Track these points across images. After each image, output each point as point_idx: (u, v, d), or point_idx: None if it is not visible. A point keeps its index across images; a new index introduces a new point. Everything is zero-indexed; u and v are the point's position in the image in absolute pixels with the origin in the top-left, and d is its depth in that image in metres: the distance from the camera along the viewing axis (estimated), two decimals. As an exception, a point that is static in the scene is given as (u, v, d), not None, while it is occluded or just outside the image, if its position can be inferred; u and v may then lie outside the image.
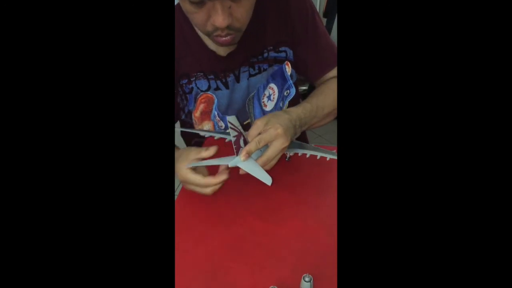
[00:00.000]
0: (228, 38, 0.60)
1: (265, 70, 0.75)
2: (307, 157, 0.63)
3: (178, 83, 0.74)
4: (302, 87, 1.98)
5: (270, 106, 0.79)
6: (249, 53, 0.73)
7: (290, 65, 0.76)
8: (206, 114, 0.78)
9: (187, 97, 0.76)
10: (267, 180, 0.52)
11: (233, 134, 0.59)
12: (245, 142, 0.57)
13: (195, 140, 0.92)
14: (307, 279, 0.44)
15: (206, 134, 0.73)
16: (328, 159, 0.61)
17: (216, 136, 0.70)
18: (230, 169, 0.56)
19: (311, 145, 0.65)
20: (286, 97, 0.77)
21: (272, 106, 0.79)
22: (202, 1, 0.53)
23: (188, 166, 0.58)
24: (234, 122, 0.62)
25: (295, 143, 0.65)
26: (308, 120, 0.64)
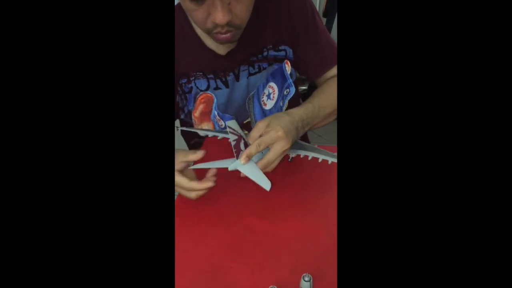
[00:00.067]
0: (228, 35, 0.60)
1: (264, 69, 0.75)
2: (309, 159, 0.62)
3: (177, 83, 0.74)
4: (302, 87, 1.98)
5: (270, 105, 0.79)
6: (248, 52, 0.73)
7: (289, 64, 0.76)
8: (206, 114, 0.77)
9: (187, 96, 0.76)
10: (266, 185, 0.52)
11: (233, 138, 0.59)
12: (245, 145, 0.57)
13: (195, 140, 0.92)
14: (307, 279, 0.44)
15: (209, 134, 0.72)
16: (330, 163, 0.60)
17: (219, 136, 0.69)
18: (228, 171, 0.56)
19: (314, 145, 0.64)
20: (286, 96, 0.77)
21: (272, 105, 0.79)
22: None
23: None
24: (234, 126, 0.62)
25: (298, 144, 0.64)
26: (310, 120, 0.64)
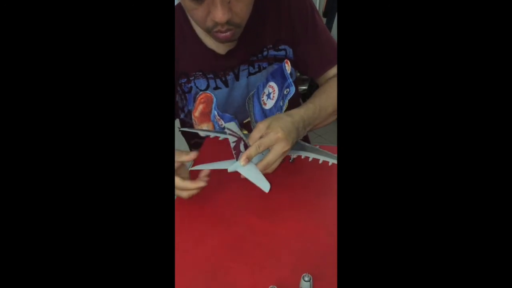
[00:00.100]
0: (228, 34, 0.60)
1: (264, 68, 0.75)
2: (310, 160, 0.62)
3: (177, 82, 0.74)
4: (302, 87, 1.98)
5: (270, 104, 0.79)
6: (248, 51, 0.73)
7: (289, 63, 0.76)
8: (206, 115, 0.77)
9: (186, 96, 0.76)
10: (265, 187, 0.51)
11: (232, 139, 0.59)
12: (245, 147, 0.57)
13: (195, 140, 0.92)
14: (307, 279, 0.44)
15: (211, 134, 0.71)
16: (330, 164, 0.60)
17: (221, 136, 0.69)
18: (228, 172, 0.56)
19: (316, 146, 0.64)
20: (286, 95, 0.77)
21: (272, 105, 0.79)
22: None
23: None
24: (232, 128, 0.62)
25: (299, 145, 0.64)
26: (311, 121, 0.63)
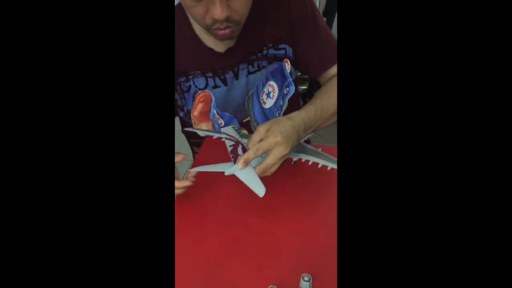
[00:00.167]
0: (227, 31, 0.61)
1: (264, 67, 0.75)
2: (309, 164, 0.61)
3: (176, 81, 0.74)
4: (302, 87, 1.98)
5: (269, 103, 0.79)
6: (248, 50, 0.72)
7: (289, 62, 0.76)
8: (205, 114, 0.77)
9: (185, 96, 0.76)
10: (260, 191, 0.51)
11: (229, 143, 0.59)
12: (243, 150, 0.56)
13: (194, 140, 0.92)
14: (306, 279, 0.44)
15: (214, 135, 0.71)
16: (329, 169, 0.59)
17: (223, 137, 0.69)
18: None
19: (319, 149, 0.63)
20: (285, 95, 0.77)
21: (271, 104, 0.79)
22: None
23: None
24: (229, 132, 0.62)
25: (301, 148, 0.63)
26: (313, 123, 0.63)
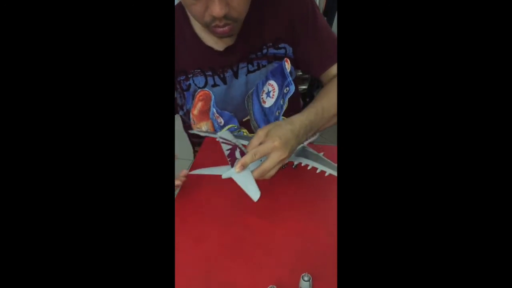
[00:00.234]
0: (226, 29, 0.61)
1: (264, 66, 0.75)
2: (308, 169, 0.61)
3: (176, 80, 0.74)
4: (302, 86, 1.98)
5: (269, 103, 0.79)
6: (247, 49, 0.72)
7: (289, 62, 0.75)
8: (205, 113, 0.77)
9: (185, 94, 0.76)
10: (255, 195, 0.52)
11: (226, 147, 0.59)
12: (241, 154, 0.57)
13: (195, 140, 0.92)
14: (306, 279, 0.44)
15: (220, 139, 0.71)
16: (326, 174, 0.58)
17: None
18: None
19: (320, 154, 0.62)
20: (285, 94, 0.77)
21: (271, 103, 0.79)
22: None
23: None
24: (226, 136, 0.62)
25: (302, 152, 0.63)
26: (314, 125, 0.63)
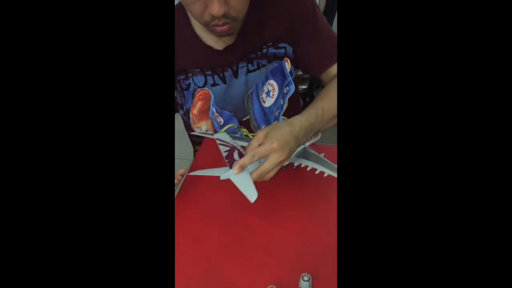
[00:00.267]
0: (225, 28, 0.61)
1: (264, 66, 0.75)
2: (308, 170, 0.61)
3: (176, 79, 0.74)
4: (302, 86, 1.98)
5: (269, 102, 0.79)
6: (247, 48, 0.72)
7: (289, 61, 0.75)
8: (204, 112, 0.77)
9: (185, 94, 0.76)
10: (252, 197, 0.52)
11: (224, 149, 0.59)
12: (239, 155, 0.57)
13: (195, 139, 0.92)
14: (306, 279, 0.44)
15: (224, 141, 0.71)
16: (325, 175, 0.58)
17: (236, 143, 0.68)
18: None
19: (321, 155, 0.62)
20: (285, 94, 0.77)
21: (271, 103, 0.79)
22: None
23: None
24: (223, 138, 0.62)
25: (303, 153, 0.63)
26: (314, 126, 0.63)
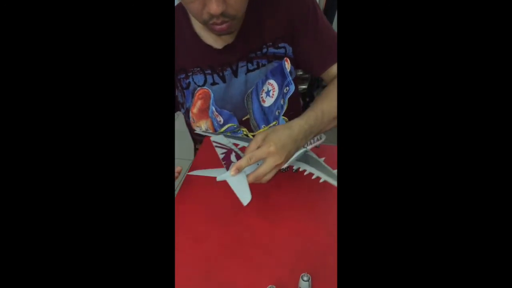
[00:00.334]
0: (224, 26, 0.61)
1: (263, 65, 0.75)
2: (305, 174, 0.60)
3: (176, 78, 0.74)
4: (302, 86, 1.98)
5: (268, 102, 0.79)
6: (247, 48, 0.72)
7: (289, 61, 0.75)
8: (204, 111, 0.78)
9: (185, 93, 0.76)
10: (245, 199, 0.52)
11: (220, 151, 0.59)
12: (237, 157, 0.57)
13: (196, 137, 0.92)
14: (306, 279, 0.44)
15: (228, 142, 0.70)
16: (321, 181, 0.57)
17: (240, 144, 0.68)
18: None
19: (321, 160, 0.62)
20: (285, 94, 0.77)
21: (271, 102, 0.79)
22: None
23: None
24: (220, 141, 0.62)
25: (303, 156, 0.62)
26: (314, 129, 0.62)
